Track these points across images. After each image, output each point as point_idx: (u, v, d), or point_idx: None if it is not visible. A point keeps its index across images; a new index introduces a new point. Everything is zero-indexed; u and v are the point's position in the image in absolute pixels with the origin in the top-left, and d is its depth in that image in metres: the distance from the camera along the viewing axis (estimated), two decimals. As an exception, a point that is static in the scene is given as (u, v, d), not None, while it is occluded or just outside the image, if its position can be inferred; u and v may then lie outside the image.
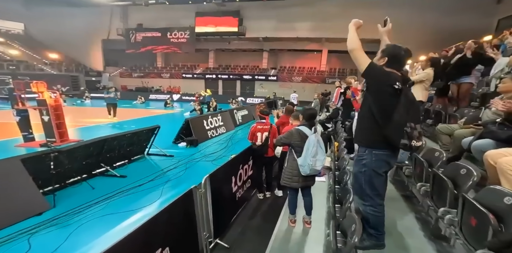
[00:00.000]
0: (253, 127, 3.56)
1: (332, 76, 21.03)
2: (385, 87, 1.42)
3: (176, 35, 23.19)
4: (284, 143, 2.43)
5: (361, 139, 1.60)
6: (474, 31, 13.29)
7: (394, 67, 1.51)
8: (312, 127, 2.34)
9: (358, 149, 1.62)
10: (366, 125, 1.55)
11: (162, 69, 25.71)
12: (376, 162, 1.52)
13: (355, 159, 1.66)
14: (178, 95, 20.48)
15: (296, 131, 2.36)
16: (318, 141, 2.24)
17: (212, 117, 7.88)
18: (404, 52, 1.53)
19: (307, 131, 2.32)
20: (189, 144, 6.49)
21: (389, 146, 1.49)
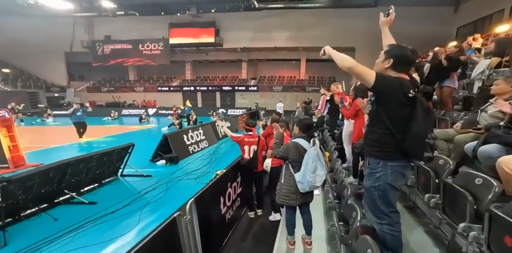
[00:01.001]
0: (240, 137, 3.40)
1: (312, 84, 21.79)
2: (398, 97, 1.33)
3: (148, 47, 22.85)
4: (282, 157, 2.27)
5: (373, 151, 1.49)
6: (437, 38, 14.76)
7: (401, 70, 1.43)
8: (311, 138, 2.20)
9: (369, 160, 1.52)
10: (378, 138, 1.44)
11: (135, 82, 24.95)
12: (392, 175, 1.41)
13: (366, 173, 1.54)
14: (154, 110, 19.79)
15: (293, 144, 2.21)
16: (318, 154, 2.09)
17: (193, 132, 7.58)
18: (411, 52, 1.43)
19: (305, 144, 2.17)
20: (168, 162, 6.12)
21: (406, 157, 1.41)
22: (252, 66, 24.73)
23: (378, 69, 1.48)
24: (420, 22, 16.38)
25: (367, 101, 1.54)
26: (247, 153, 3.35)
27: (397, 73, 1.42)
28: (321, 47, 1.56)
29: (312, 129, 2.32)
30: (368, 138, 1.53)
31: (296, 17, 18.98)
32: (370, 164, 1.50)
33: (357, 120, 3.22)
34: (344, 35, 18.52)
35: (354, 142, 3.21)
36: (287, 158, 2.22)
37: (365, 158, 1.58)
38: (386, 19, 1.78)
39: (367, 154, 1.54)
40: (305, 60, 22.84)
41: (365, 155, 1.61)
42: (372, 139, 1.49)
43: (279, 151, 2.25)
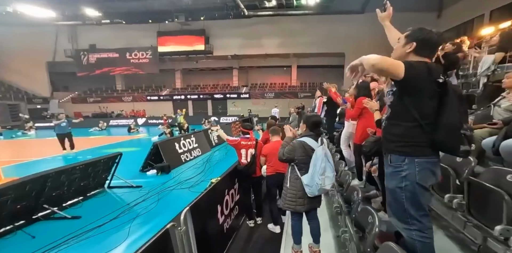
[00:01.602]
0: (236, 140, 3.25)
1: (304, 90, 22.02)
2: (428, 84, 1.21)
3: (136, 55, 22.65)
4: (288, 159, 2.09)
5: (397, 147, 1.32)
6: None
7: (425, 55, 1.31)
8: (319, 137, 2.06)
9: (391, 158, 1.36)
10: (404, 131, 1.29)
11: (123, 92, 24.54)
12: (421, 173, 1.26)
13: (389, 172, 1.38)
14: (144, 119, 19.41)
15: (299, 144, 2.05)
16: (326, 154, 1.96)
17: (185, 140, 7.37)
18: (437, 36, 1.31)
19: (312, 143, 2.02)
20: (160, 171, 5.87)
21: (435, 151, 1.28)
22: (243, 73, 24.88)
23: (398, 54, 1.37)
24: (406, 27, 16.84)
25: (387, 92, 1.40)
26: (245, 157, 3.21)
27: (421, 58, 1.30)
28: (311, 53, 1.45)
29: (320, 126, 2.17)
30: (390, 132, 1.37)
31: (286, 24, 19.40)
32: (393, 161, 1.33)
33: (361, 120, 3.12)
34: (334, 41, 19.01)
35: (357, 143, 3.10)
36: (293, 159, 2.06)
37: (385, 155, 1.41)
38: (385, 13, 1.74)
39: (388, 151, 1.38)
40: (296, 66, 23.20)
41: (384, 153, 1.44)
42: (395, 133, 1.33)
43: (284, 152, 2.09)
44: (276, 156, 2.92)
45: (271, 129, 3.22)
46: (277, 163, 2.94)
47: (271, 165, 2.97)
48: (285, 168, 3.02)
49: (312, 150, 1.99)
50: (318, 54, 21.02)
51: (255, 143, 3.23)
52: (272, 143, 3.09)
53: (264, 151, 3.05)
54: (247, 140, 3.26)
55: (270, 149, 3.01)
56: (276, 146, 2.99)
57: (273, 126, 3.36)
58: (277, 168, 2.93)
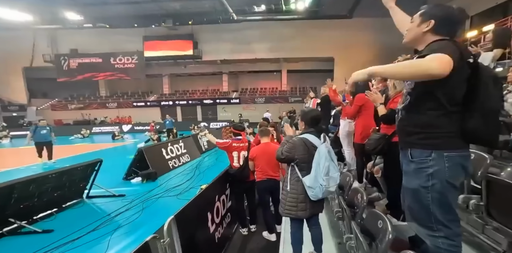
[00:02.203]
0: (228, 142, 3.06)
1: (294, 95, 22.17)
2: (461, 66, 1.04)
3: (121, 60, 22.18)
4: (288, 158, 1.90)
5: (420, 139, 1.15)
6: (408, 48, 15.72)
7: (445, 33, 1.15)
8: (321, 134, 1.90)
9: (411, 153, 1.19)
10: (429, 121, 1.13)
11: (107, 98, 23.87)
12: (452, 169, 1.09)
13: (410, 169, 1.19)
14: (129, 126, 18.85)
15: (300, 141, 1.87)
16: (330, 152, 1.80)
17: (173, 145, 7.09)
18: (459, 12, 1.17)
19: (314, 139, 1.86)
20: (145, 179, 5.57)
21: (466, 143, 1.12)
22: (233, 78, 24.84)
23: (413, 35, 1.23)
24: (391, 32, 17.48)
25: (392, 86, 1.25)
26: (237, 160, 3.01)
27: (440, 37, 1.15)
28: (301, 58, 1.32)
29: (320, 122, 2.00)
30: (410, 123, 1.20)
31: (275, 28, 19.66)
32: (416, 157, 1.16)
33: (359, 117, 2.99)
34: (323, 46, 19.38)
35: (357, 142, 2.98)
36: (294, 158, 1.88)
37: (403, 151, 1.26)
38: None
39: (408, 145, 1.21)
40: (286, 71, 23.42)
41: (400, 148, 1.29)
42: (418, 123, 1.16)
43: (283, 150, 1.90)
44: (265, 160, 2.77)
45: (260, 130, 3.04)
46: (266, 167, 2.77)
47: (259, 169, 2.79)
48: (276, 172, 2.85)
49: (315, 148, 1.83)
50: (308, 59, 21.34)
51: (247, 145, 3.05)
52: (261, 145, 2.91)
53: (252, 153, 2.86)
54: (239, 141, 3.08)
55: (258, 152, 2.83)
56: (265, 148, 2.82)
57: (261, 127, 3.20)
58: (267, 172, 2.76)
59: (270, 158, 2.61)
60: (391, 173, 2.10)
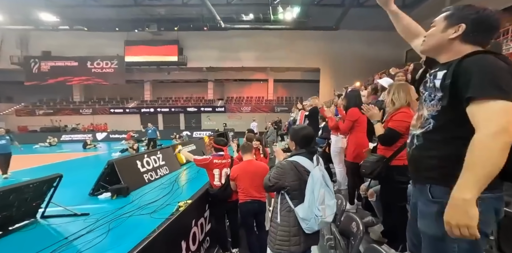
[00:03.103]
0: (208, 159, 2.81)
1: (280, 105, 22.34)
2: None
3: (99, 64, 21.44)
4: (277, 186, 1.67)
5: (443, 175, 0.95)
6: (391, 60, 16.82)
7: (478, 42, 0.96)
8: (313, 155, 1.70)
9: (432, 192, 0.99)
10: (456, 153, 0.89)
11: (81, 104, 22.78)
12: (485, 215, 0.86)
13: (430, 212, 0.98)
14: (104, 134, 17.91)
15: (290, 165, 1.66)
16: (324, 176, 1.60)
17: (149, 156, 6.64)
18: (497, 14, 0.95)
19: (306, 163, 1.66)
20: (115, 194, 5.07)
21: (501, 183, 0.92)
22: (219, 86, 24.70)
23: (435, 42, 1.03)
24: (375, 45, 18.54)
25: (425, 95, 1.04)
26: (218, 178, 2.76)
27: (472, 46, 0.95)
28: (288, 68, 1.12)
29: (313, 142, 1.80)
30: (432, 154, 0.99)
31: (263, 37, 19.97)
32: (438, 197, 0.96)
33: (352, 133, 2.85)
34: (309, 56, 19.88)
35: (350, 161, 2.83)
36: (284, 185, 1.64)
37: (418, 186, 1.07)
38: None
39: (427, 181, 1.01)
40: (273, 80, 23.67)
41: (413, 183, 1.11)
42: (443, 155, 0.96)
43: (271, 176, 1.67)
44: (248, 180, 2.54)
45: (241, 146, 2.79)
46: (249, 188, 2.55)
47: (242, 190, 2.57)
48: (261, 193, 2.61)
49: (307, 172, 1.62)
50: (294, 69, 21.75)
51: (230, 161, 2.82)
52: (243, 163, 2.69)
53: (233, 173, 2.63)
54: (220, 157, 2.83)
55: (239, 171, 2.61)
56: (247, 166, 2.61)
57: (243, 142, 2.96)
58: (250, 194, 2.54)
59: (253, 177, 2.40)
60: (388, 198, 1.95)
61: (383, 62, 16.19)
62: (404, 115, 1.84)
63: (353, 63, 18.91)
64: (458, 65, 0.90)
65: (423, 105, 1.06)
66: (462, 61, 0.90)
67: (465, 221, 0.80)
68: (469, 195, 0.79)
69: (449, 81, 0.91)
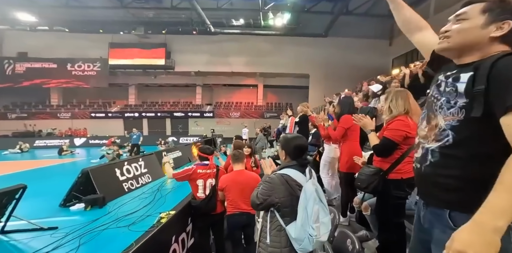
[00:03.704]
0: (188, 170, 2.62)
1: (269, 110, 22.41)
2: None
3: (81, 67, 20.81)
4: (267, 204, 1.51)
5: (468, 200, 0.79)
6: (378, 68, 17.41)
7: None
8: (305, 167, 1.57)
9: (452, 218, 0.86)
10: (486, 173, 0.76)
11: (59, 107, 21.91)
12: (508, 249, 0.74)
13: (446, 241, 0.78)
14: (83, 139, 17.18)
15: (281, 180, 1.50)
16: (317, 191, 1.47)
17: (130, 164, 6.31)
18: None
19: (298, 176, 1.51)
20: (89, 205, 4.72)
21: None
22: (208, 91, 24.51)
23: (468, 39, 0.87)
24: (363, 52, 19.12)
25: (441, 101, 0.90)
26: (202, 189, 2.58)
27: (505, 46, 0.84)
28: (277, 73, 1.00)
29: (306, 152, 1.65)
30: (452, 174, 0.86)
31: (253, 43, 20.11)
32: (460, 225, 0.76)
33: (345, 142, 2.76)
34: (299, 62, 20.16)
35: (343, 171, 2.72)
36: (273, 202, 1.49)
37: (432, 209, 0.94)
38: None
39: (446, 206, 0.88)
40: (263, 86, 23.77)
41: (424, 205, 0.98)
42: (467, 176, 0.82)
43: (259, 193, 1.53)
44: (237, 191, 2.39)
45: (232, 154, 2.66)
46: (238, 199, 2.40)
47: (230, 202, 2.42)
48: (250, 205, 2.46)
49: (299, 187, 1.47)
50: (284, 75, 21.96)
51: (216, 171, 2.64)
52: (233, 173, 2.56)
53: (222, 183, 2.48)
54: (205, 167, 2.65)
55: (228, 181, 2.47)
56: (237, 177, 2.46)
57: (234, 150, 2.80)
58: (238, 206, 2.39)
59: (243, 189, 2.25)
60: (384, 214, 1.84)
61: (371, 69, 16.72)
62: (401, 123, 1.76)
63: (342, 70, 19.34)
64: (494, 68, 0.77)
65: (437, 113, 0.93)
66: (498, 63, 0.77)
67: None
68: (502, 222, 0.66)
69: (483, 87, 0.77)
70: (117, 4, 16.78)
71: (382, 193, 1.79)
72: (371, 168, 1.83)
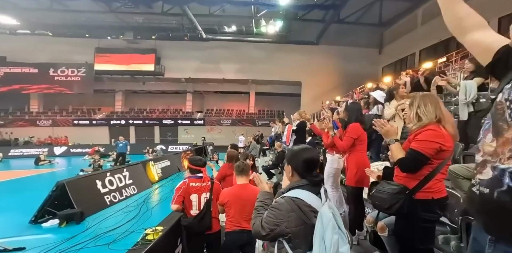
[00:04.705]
0: (183, 184, 2.33)
1: (261, 118, 22.32)
2: None
3: (64, 72, 20.20)
4: (275, 234, 1.23)
5: None
6: (369, 76, 17.90)
7: None
8: (319, 187, 1.31)
9: None
10: None
11: (39, 114, 21.02)
12: None
13: None
14: (64, 148, 16.42)
15: (291, 204, 1.23)
16: (334, 215, 1.21)
17: (113, 175, 5.93)
18: None
19: (312, 199, 1.24)
20: (64, 221, 4.33)
21: None
22: (198, 98, 24.25)
23: None
24: (354, 60, 19.58)
25: None
26: (196, 206, 2.28)
27: None
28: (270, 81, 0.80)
29: (317, 167, 1.36)
30: None
31: (245, 50, 20.16)
32: None
33: (353, 153, 2.54)
34: (291, 70, 20.32)
35: (351, 185, 2.50)
36: (283, 233, 1.22)
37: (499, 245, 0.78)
38: None
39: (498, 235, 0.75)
40: (254, 93, 23.74)
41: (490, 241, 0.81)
42: None
43: (264, 221, 1.25)
44: (239, 207, 2.10)
45: (236, 165, 2.34)
46: (239, 216, 2.12)
47: (230, 218, 2.14)
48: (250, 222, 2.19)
49: (315, 213, 1.21)
50: (276, 82, 22.07)
51: (210, 184, 2.36)
52: (236, 188, 2.28)
53: (223, 197, 2.20)
54: (198, 180, 2.37)
55: (231, 196, 2.19)
56: (241, 191, 2.18)
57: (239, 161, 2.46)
58: (239, 223, 2.12)
59: (245, 205, 1.99)
60: (409, 238, 1.58)
61: (361, 77, 17.16)
62: (433, 134, 1.49)
63: (333, 77, 19.63)
64: None
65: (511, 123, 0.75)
66: None
67: None
68: None
69: None
70: (105, 9, 16.54)
71: (408, 215, 1.55)
72: (393, 185, 1.56)
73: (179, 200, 2.29)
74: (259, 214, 1.31)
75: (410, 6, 15.19)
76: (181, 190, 2.30)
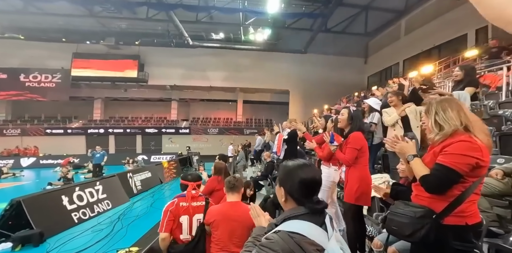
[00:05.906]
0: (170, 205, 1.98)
1: (249, 127, 22.06)
2: None
3: (37, 78, 19.25)
4: None
5: None
6: (355, 85, 18.29)
7: None
8: (323, 215, 0.99)
9: None
10: None
11: (6, 123, 19.79)
12: None
13: None
14: (32, 159, 15.32)
15: (288, 243, 0.88)
16: (343, 250, 0.95)
17: (84, 189, 5.39)
18: None
19: (315, 233, 0.92)
20: (20, 244, 3.81)
21: None
22: (184, 106, 23.77)
23: None
24: (340, 69, 20.01)
25: None
26: (187, 230, 1.92)
27: None
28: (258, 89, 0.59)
29: (318, 190, 1.05)
30: None
31: (233, 57, 20.08)
32: None
33: (354, 167, 2.30)
34: (279, 78, 20.43)
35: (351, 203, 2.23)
36: None
37: None
38: None
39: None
40: (242, 101, 23.58)
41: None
42: None
43: None
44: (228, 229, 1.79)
45: (227, 181, 2.04)
46: (227, 239, 1.78)
47: (216, 241, 1.81)
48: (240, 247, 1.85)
49: (320, 251, 0.90)
50: (264, 90, 22.06)
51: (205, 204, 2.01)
52: (225, 205, 1.98)
53: (209, 216, 1.89)
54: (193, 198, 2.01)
55: (218, 214, 1.89)
56: (230, 211, 1.88)
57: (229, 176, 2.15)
58: (227, 247, 1.77)
59: (236, 226, 1.66)
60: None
61: (348, 86, 17.49)
62: (468, 146, 1.24)
63: (321, 86, 19.87)
64: None
65: None
66: None
67: None
68: None
69: None
70: (85, 13, 16.06)
71: (436, 244, 1.28)
72: (414, 207, 1.31)
73: (168, 227, 1.91)
74: (246, 248, 1.02)
75: (393, 17, 15.80)
76: (169, 214, 1.93)
